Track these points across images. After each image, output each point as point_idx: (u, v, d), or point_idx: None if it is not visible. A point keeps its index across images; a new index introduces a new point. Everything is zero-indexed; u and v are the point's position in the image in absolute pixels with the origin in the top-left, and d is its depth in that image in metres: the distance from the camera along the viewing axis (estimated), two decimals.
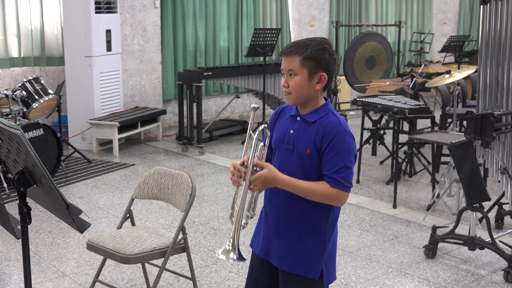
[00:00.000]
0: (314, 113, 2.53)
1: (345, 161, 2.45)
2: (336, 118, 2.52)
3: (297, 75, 2.50)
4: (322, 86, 2.51)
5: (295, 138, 2.52)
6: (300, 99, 2.52)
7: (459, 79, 5.96)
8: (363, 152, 7.18)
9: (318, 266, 2.52)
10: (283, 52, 2.55)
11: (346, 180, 2.45)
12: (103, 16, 7.86)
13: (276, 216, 2.57)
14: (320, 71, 2.49)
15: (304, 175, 2.49)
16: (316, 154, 2.48)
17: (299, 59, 2.49)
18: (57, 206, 2.47)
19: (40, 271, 4.33)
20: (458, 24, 13.90)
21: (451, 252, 4.70)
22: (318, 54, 2.47)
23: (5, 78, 7.94)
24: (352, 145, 2.51)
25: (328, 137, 2.46)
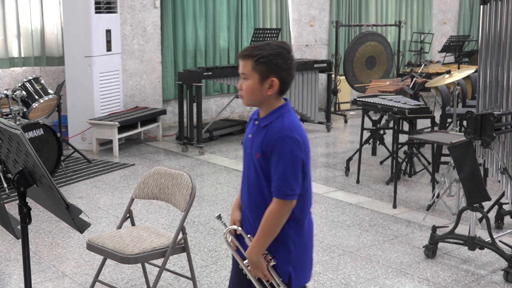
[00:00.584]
0: (268, 116, 2.52)
1: (286, 170, 2.42)
2: (283, 122, 2.48)
3: (249, 79, 2.49)
4: (274, 92, 2.49)
5: (251, 142, 2.55)
6: (252, 102, 2.54)
7: (459, 79, 5.96)
8: (363, 152, 7.18)
9: (285, 270, 2.55)
10: (239, 55, 2.53)
11: (286, 188, 2.43)
12: (103, 16, 7.86)
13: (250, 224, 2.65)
14: (271, 76, 2.47)
15: (257, 180, 2.52)
16: (263, 160, 2.48)
17: (251, 63, 2.47)
18: (57, 206, 2.47)
19: (40, 271, 4.33)
20: (458, 24, 13.90)
21: (451, 252, 4.70)
22: (271, 59, 2.45)
23: (5, 78, 7.94)
24: (294, 149, 2.43)
25: (271, 142, 2.45)
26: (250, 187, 2.57)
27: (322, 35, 11.45)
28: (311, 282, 4.16)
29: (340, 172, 7.03)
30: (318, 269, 4.39)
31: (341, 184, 6.56)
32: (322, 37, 11.44)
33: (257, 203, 2.55)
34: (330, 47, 11.44)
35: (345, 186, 6.46)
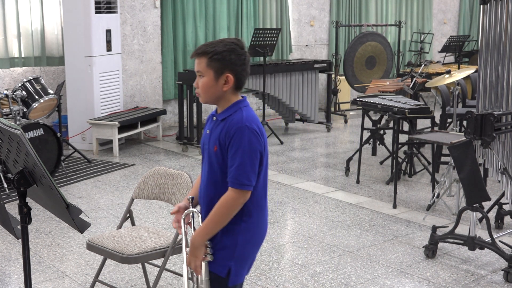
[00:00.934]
0: (225, 111, 2.55)
1: (243, 158, 2.44)
2: (242, 114, 2.51)
3: (204, 76, 2.52)
4: (230, 87, 2.52)
5: (209, 137, 2.58)
6: (209, 99, 2.56)
7: (459, 79, 5.96)
8: (363, 152, 7.18)
9: (226, 263, 2.54)
10: (193, 53, 2.56)
11: (243, 178, 2.45)
12: (103, 16, 7.86)
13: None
14: (226, 72, 2.50)
15: (211, 172, 2.54)
16: (221, 153, 2.50)
17: (205, 60, 2.50)
18: (57, 206, 2.47)
19: (40, 271, 4.33)
20: (458, 24, 13.90)
21: (451, 252, 4.70)
22: (224, 55, 2.49)
23: (5, 78, 7.94)
24: (253, 140, 2.46)
25: (229, 133, 2.47)
26: (206, 183, 2.58)
27: (322, 35, 11.45)
28: (311, 282, 4.17)
29: (340, 172, 7.03)
30: (318, 269, 4.39)
31: (341, 184, 6.56)
32: (322, 37, 11.44)
33: (210, 198, 2.56)
34: (330, 47, 11.44)
35: (345, 186, 6.46)
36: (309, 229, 5.21)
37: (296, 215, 5.59)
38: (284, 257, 4.64)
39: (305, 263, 4.49)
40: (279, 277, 4.26)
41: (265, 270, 4.37)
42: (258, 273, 4.32)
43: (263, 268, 4.40)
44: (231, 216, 2.49)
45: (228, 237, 2.53)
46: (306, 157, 7.79)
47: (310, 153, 8.03)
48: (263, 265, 4.45)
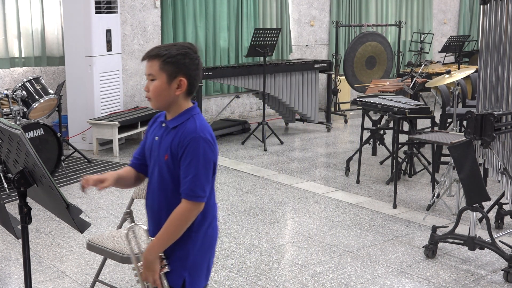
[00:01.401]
0: (176, 118, 2.49)
1: (198, 169, 2.40)
2: (195, 123, 2.46)
3: (156, 80, 2.46)
4: (182, 91, 2.47)
5: (158, 144, 2.51)
6: (160, 104, 2.49)
7: (459, 79, 5.96)
8: (363, 152, 7.18)
9: (181, 274, 2.51)
10: (144, 56, 2.50)
11: (198, 190, 2.41)
12: (103, 16, 7.86)
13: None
14: (179, 75, 2.45)
15: (162, 182, 2.49)
16: (172, 161, 2.45)
17: (158, 63, 2.44)
18: (57, 206, 2.47)
19: (40, 271, 4.33)
20: (458, 24, 13.90)
21: (451, 252, 4.70)
22: (178, 58, 2.44)
23: (5, 78, 7.94)
24: (207, 151, 2.42)
25: (183, 143, 2.42)
26: (156, 191, 2.53)
27: (322, 35, 11.45)
28: (311, 282, 4.17)
29: (340, 172, 7.03)
30: (318, 269, 4.39)
31: (341, 184, 6.56)
32: (322, 37, 11.45)
33: (159, 207, 2.52)
34: (330, 47, 11.44)
35: (345, 186, 6.46)
36: (309, 229, 5.21)
37: (296, 215, 5.59)
38: (284, 257, 4.64)
39: (305, 263, 4.50)
40: (279, 277, 4.27)
41: (265, 270, 4.37)
42: (258, 273, 4.32)
43: (263, 268, 4.40)
44: (185, 227, 2.45)
45: (179, 248, 2.50)
46: (306, 157, 7.79)
47: (310, 153, 8.03)
48: (263, 265, 4.45)
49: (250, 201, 5.96)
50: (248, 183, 6.56)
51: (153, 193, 2.55)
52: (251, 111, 10.61)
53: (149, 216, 2.61)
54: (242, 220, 5.42)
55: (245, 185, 6.51)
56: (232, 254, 4.66)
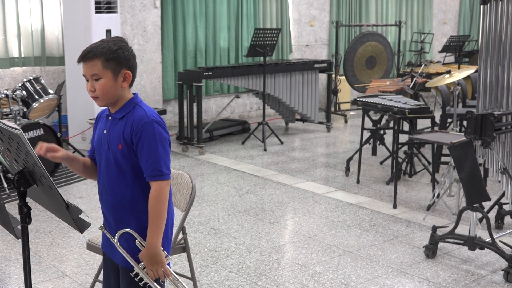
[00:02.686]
0: (121, 109, 2.57)
1: (158, 151, 2.49)
2: (143, 109, 2.55)
3: (102, 78, 2.52)
4: (128, 83, 2.56)
5: (107, 137, 2.57)
6: (109, 100, 2.56)
7: (459, 79, 5.96)
8: (363, 152, 7.18)
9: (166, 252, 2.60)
10: (82, 58, 2.54)
11: (163, 168, 2.49)
12: (103, 16, 7.86)
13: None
14: (123, 69, 2.53)
15: (120, 171, 2.55)
16: (127, 149, 2.52)
17: (100, 62, 2.50)
18: (57, 206, 2.47)
19: (40, 271, 4.33)
20: (458, 24, 13.90)
21: (451, 252, 4.70)
22: (118, 53, 2.51)
23: (5, 78, 7.94)
24: (161, 131, 2.51)
25: (137, 130, 2.49)
26: (112, 182, 2.57)
27: (322, 35, 11.44)
28: (311, 282, 4.17)
29: (340, 172, 7.03)
30: (318, 269, 4.39)
31: (341, 184, 6.56)
32: (322, 37, 11.44)
33: (120, 196, 2.56)
34: (330, 47, 11.44)
35: (345, 186, 6.46)
36: (309, 229, 5.21)
37: (296, 215, 5.59)
38: (284, 257, 4.64)
39: (305, 263, 4.49)
40: (279, 277, 4.26)
41: (265, 270, 4.37)
42: (258, 273, 4.32)
43: (263, 268, 4.40)
44: (166, 205, 2.51)
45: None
46: (306, 157, 7.79)
47: (310, 153, 8.03)
48: (263, 265, 4.45)
49: (250, 201, 5.96)
50: (248, 183, 6.56)
51: (109, 185, 2.58)
52: (251, 111, 10.61)
53: (106, 209, 2.63)
54: (242, 220, 5.42)
55: (245, 185, 6.51)
56: (232, 254, 4.66)
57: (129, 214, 2.57)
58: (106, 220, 2.67)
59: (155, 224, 2.49)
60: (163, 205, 2.50)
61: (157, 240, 2.49)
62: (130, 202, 2.55)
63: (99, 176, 2.66)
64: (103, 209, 2.66)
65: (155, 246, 2.49)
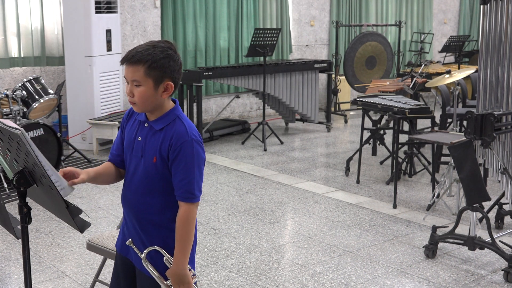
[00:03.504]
0: (161, 119, 2.47)
1: (194, 172, 2.43)
2: (183, 125, 2.45)
3: (142, 86, 2.39)
4: (169, 94, 2.46)
5: (142, 145, 2.49)
6: (147, 108, 2.46)
7: (459, 79, 5.96)
8: (363, 152, 7.18)
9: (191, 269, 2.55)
10: (125, 60, 2.41)
11: (195, 190, 2.44)
12: (103, 16, 7.86)
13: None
14: (166, 80, 2.42)
15: (148, 183, 2.47)
16: (162, 163, 2.44)
17: (143, 69, 2.37)
18: (57, 206, 2.47)
19: (40, 271, 4.33)
20: (458, 24, 13.90)
21: (451, 252, 4.70)
22: (163, 63, 2.39)
23: (5, 78, 7.94)
24: (200, 152, 2.45)
25: (175, 147, 2.41)
26: (139, 191, 2.51)
27: (322, 35, 11.45)
28: (311, 282, 4.17)
29: (340, 172, 7.03)
30: (318, 269, 4.39)
31: (341, 184, 6.56)
32: (322, 37, 11.44)
33: (144, 206, 2.51)
34: (330, 47, 11.44)
35: (345, 186, 6.46)
36: (309, 229, 5.21)
37: (296, 215, 5.59)
38: (284, 257, 4.64)
39: (305, 263, 4.50)
40: (279, 277, 4.26)
41: (265, 270, 4.37)
42: (258, 273, 4.32)
43: (263, 268, 4.40)
44: (193, 227, 2.47)
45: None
46: (306, 157, 7.79)
47: (310, 153, 8.03)
48: (263, 265, 4.45)
49: (250, 201, 5.96)
50: (248, 183, 6.56)
51: (135, 193, 2.52)
52: (251, 111, 10.61)
53: (128, 213, 2.58)
54: (242, 220, 5.42)
55: (245, 185, 6.51)
56: (232, 254, 4.66)
57: (153, 228, 2.51)
58: (126, 224, 2.61)
59: (183, 246, 2.44)
60: (191, 228, 2.45)
61: (184, 261, 2.45)
62: (156, 218, 2.49)
63: (126, 179, 2.58)
64: (125, 214, 2.60)
65: (183, 267, 2.45)
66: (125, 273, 2.65)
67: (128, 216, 2.59)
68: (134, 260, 2.58)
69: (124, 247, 2.62)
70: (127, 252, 2.62)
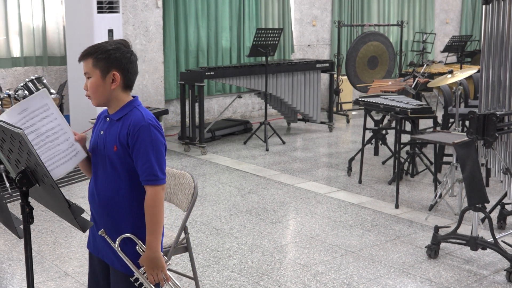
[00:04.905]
0: (119, 111, 2.58)
1: (153, 154, 2.49)
2: (140, 112, 2.55)
3: (92, 77, 2.54)
4: (118, 85, 2.55)
5: (104, 138, 2.59)
6: (99, 100, 2.57)
7: (461, 79, 5.95)
8: (365, 152, 7.18)
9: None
10: (79, 57, 2.58)
11: (158, 172, 2.50)
12: (105, 16, 7.86)
13: None
14: (112, 70, 2.53)
15: (115, 173, 2.56)
16: (123, 151, 2.52)
17: (91, 60, 2.52)
18: (59, 205, 2.47)
19: (43, 271, 4.33)
20: (460, 24, 13.89)
21: (453, 252, 4.69)
22: (109, 54, 2.52)
23: (7, 78, 7.95)
24: (158, 135, 2.52)
25: (133, 134, 2.50)
26: (106, 183, 2.59)
27: (324, 35, 11.44)
28: (313, 282, 4.16)
29: (342, 172, 7.03)
30: (320, 269, 4.39)
31: (343, 184, 6.56)
32: (324, 37, 11.44)
33: (112, 197, 2.58)
34: (332, 47, 11.44)
35: (347, 186, 6.46)
36: (311, 229, 5.21)
37: (298, 215, 5.59)
38: (286, 257, 4.64)
39: (307, 263, 4.49)
40: (281, 277, 4.26)
41: (267, 270, 4.37)
42: (260, 273, 4.32)
43: (265, 268, 4.40)
44: (162, 209, 2.53)
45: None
46: (308, 157, 7.79)
47: (312, 153, 8.02)
48: (265, 265, 4.45)
49: (252, 201, 5.96)
50: (250, 183, 6.56)
51: (102, 186, 2.61)
52: (253, 111, 10.61)
53: (96, 211, 2.68)
54: (244, 220, 5.42)
55: (247, 185, 6.51)
56: (234, 254, 4.66)
57: (123, 217, 2.58)
58: (95, 222, 2.68)
59: (154, 229, 2.50)
60: (159, 210, 2.51)
61: (157, 244, 2.50)
62: (124, 205, 2.57)
63: (92, 177, 2.67)
64: (93, 211, 2.69)
65: (156, 250, 2.51)
66: (102, 272, 2.75)
67: (97, 212, 2.68)
68: (105, 257, 2.66)
69: (96, 247, 2.71)
70: (98, 252, 2.70)
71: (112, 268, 2.62)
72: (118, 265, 2.57)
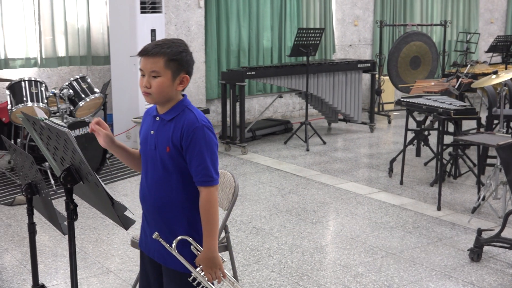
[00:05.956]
0: (171, 111, 2.56)
1: (209, 156, 2.50)
2: (192, 113, 2.54)
3: (161, 77, 2.50)
4: (184, 87, 2.55)
5: (155, 138, 2.56)
6: (162, 99, 2.55)
7: (506, 79, 5.85)
8: (407, 153, 7.11)
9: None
10: (145, 52, 2.51)
11: (212, 173, 2.51)
12: (148, 16, 7.95)
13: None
14: (182, 72, 2.53)
15: (166, 174, 2.54)
16: (176, 152, 2.51)
17: (163, 60, 2.49)
18: (102, 203, 2.51)
19: (86, 267, 4.40)
20: (505, 23, 13.64)
21: (497, 256, 4.62)
22: (181, 56, 2.51)
23: (53, 77, 8.10)
24: (211, 136, 2.52)
25: (187, 135, 2.49)
26: (157, 183, 2.57)
27: (366, 34, 11.36)
28: (354, 283, 4.14)
29: (384, 173, 6.97)
30: (360, 270, 4.36)
31: (384, 185, 6.50)
32: (366, 37, 11.36)
33: (162, 199, 2.57)
34: (374, 47, 11.35)
35: (388, 187, 6.41)
36: (352, 230, 5.18)
37: (339, 215, 5.57)
38: (326, 257, 4.62)
39: (348, 264, 4.47)
40: (321, 277, 4.25)
41: (307, 270, 4.37)
42: (300, 273, 4.31)
43: (305, 269, 4.39)
44: (217, 210, 2.54)
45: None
46: (349, 157, 7.75)
47: (353, 153, 7.98)
48: (305, 265, 4.44)
49: (292, 201, 5.96)
50: (291, 183, 6.56)
51: (153, 187, 2.59)
52: (294, 111, 10.59)
53: (147, 209, 2.64)
54: (284, 220, 5.42)
55: (287, 185, 6.50)
56: (274, 253, 4.66)
57: (176, 218, 2.57)
58: (147, 221, 2.65)
59: (210, 229, 2.51)
60: (215, 210, 2.52)
61: (214, 244, 2.51)
62: (176, 206, 2.55)
63: (143, 176, 2.66)
64: (145, 210, 2.66)
65: (214, 250, 2.52)
66: (153, 271, 2.71)
67: (149, 212, 2.64)
68: (157, 257, 2.63)
69: (147, 246, 2.68)
70: (149, 251, 2.67)
71: (165, 267, 2.61)
72: (172, 264, 2.57)
